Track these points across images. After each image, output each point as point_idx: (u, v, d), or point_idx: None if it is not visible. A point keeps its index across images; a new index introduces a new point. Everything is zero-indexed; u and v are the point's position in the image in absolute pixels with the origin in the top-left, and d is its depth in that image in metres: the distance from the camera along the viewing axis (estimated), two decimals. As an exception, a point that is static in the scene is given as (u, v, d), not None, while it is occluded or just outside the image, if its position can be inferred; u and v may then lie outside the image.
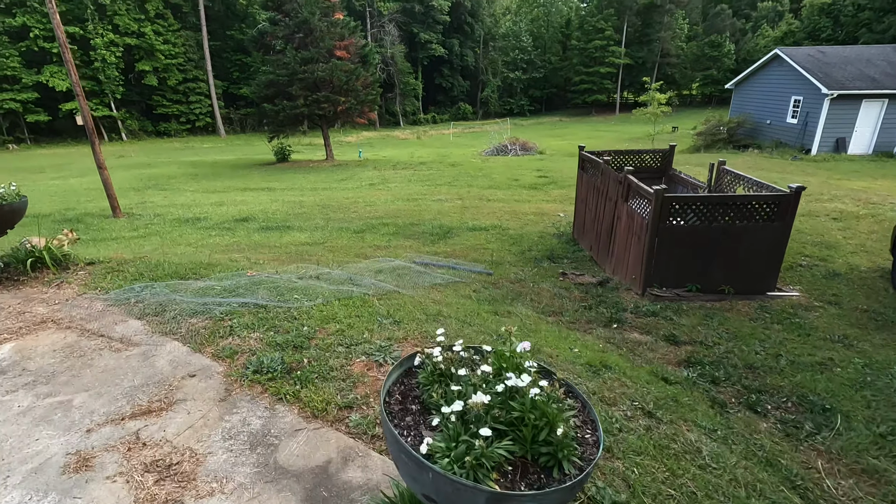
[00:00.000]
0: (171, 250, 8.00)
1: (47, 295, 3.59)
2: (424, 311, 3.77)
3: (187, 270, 4.34)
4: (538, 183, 16.66)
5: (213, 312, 3.21)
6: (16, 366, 2.61)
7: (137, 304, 3.37)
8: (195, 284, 3.83)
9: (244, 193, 16.29)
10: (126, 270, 4.12)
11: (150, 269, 4.25)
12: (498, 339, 3.36)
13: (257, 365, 2.58)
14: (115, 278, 3.94)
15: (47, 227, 10.38)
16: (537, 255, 7.89)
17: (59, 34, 10.39)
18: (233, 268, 4.71)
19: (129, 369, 2.57)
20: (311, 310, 3.42)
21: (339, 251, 7.87)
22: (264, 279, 4.08)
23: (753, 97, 24.21)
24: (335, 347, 2.85)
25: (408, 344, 2.97)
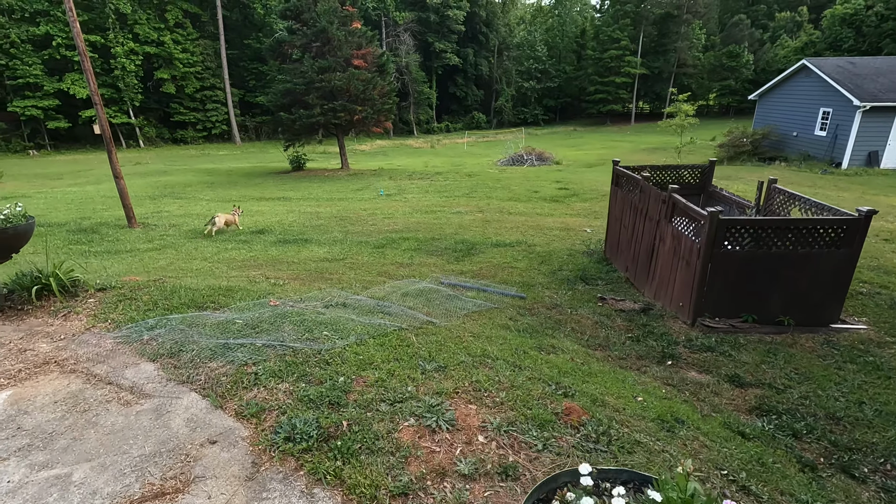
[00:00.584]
0: (186, 266, 7.70)
1: (52, 328, 3.25)
2: (468, 351, 3.37)
3: (205, 298, 3.98)
4: (559, 195, 16.23)
5: (234, 355, 2.83)
6: (11, 422, 2.26)
7: (151, 341, 3.01)
8: (214, 317, 3.46)
9: (260, 203, 16.07)
10: (139, 298, 3.78)
11: (165, 297, 3.90)
12: (556, 390, 2.94)
13: (289, 429, 2.19)
14: (126, 308, 3.59)
15: (62, 238, 10.18)
16: (569, 275, 7.44)
17: (80, 44, 10.26)
18: (253, 294, 4.35)
19: (140, 431, 2.20)
20: (344, 351, 3.03)
21: (360, 268, 7.50)
22: (289, 310, 3.71)
23: (779, 108, 23.58)
24: (377, 405, 2.46)
25: (460, 400, 2.56)
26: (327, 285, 6.10)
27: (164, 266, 7.72)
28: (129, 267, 7.75)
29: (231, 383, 2.60)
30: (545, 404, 2.61)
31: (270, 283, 5.63)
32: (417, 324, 4.03)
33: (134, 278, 4.54)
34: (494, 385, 2.79)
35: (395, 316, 4.24)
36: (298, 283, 6.08)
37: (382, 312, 4.27)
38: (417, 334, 3.61)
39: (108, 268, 7.73)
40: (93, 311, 3.52)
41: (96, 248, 9.38)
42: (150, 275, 6.96)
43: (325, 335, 3.25)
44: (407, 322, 3.98)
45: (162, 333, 3.09)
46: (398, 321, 3.97)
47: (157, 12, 45.49)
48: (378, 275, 7.11)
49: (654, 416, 2.97)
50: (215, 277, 6.42)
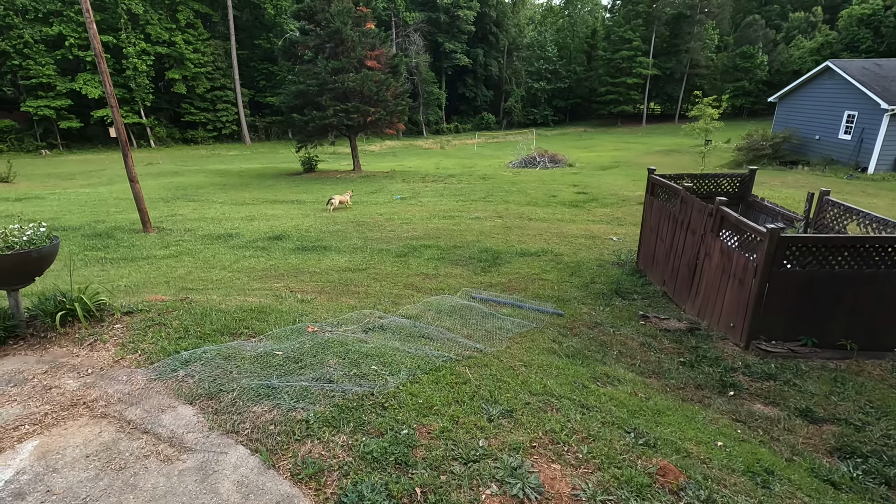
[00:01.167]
0: (206, 275, 7.47)
1: (79, 359, 3.00)
2: (528, 388, 3.08)
3: (237, 323, 3.71)
4: (578, 200, 15.89)
5: (280, 397, 2.56)
6: (39, 482, 1.99)
7: (187, 378, 2.75)
8: (251, 347, 3.19)
9: (274, 206, 15.86)
10: (168, 324, 3.52)
11: (196, 322, 3.64)
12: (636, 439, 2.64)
13: (355, 498, 1.90)
14: (156, 335, 3.33)
15: (77, 244, 10.00)
16: (603, 289, 7.13)
17: (96, 46, 10.08)
18: (286, 316, 4.08)
19: (187, 497, 1.92)
20: (398, 392, 2.75)
21: (385, 280, 7.23)
22: (329, 338, 3.43)
23: (800, 111, 23.07)
24: (449, 464, 2.17)
25: (540, 458, 2.28)
26: (356, 300, 5.84)
27: (184, 275, 7.50)
28: (148, 276, 7.53)
29: (281, 434, 2.32)
30: (634, 461, 2.32)
31: (298, 298, 5.37)
32: (464, 351, 3.75)
33: (160, 298, 4.29)
34: (571, 435, 2.50)
35: (437, 341, 3.96)
36: (326, 297, 5.82)
37: (424, 337, 3.99)
38: (469, 365, 3.32)
39: (126, 276, 7.52)
40: (120, 338, 3.26)
41: (112, 255, 9.18)
42: (170, 286, 6.74)
43: (374, 370, 2.97)
44: (453, 350, 3.70)
45: (198, 369, 2.82)
46: (444, 349, 3.69)
47: (169, 13, 45.58)
48: (405, 287, 6.84)
49: (742, 468, 2.67)
50: (239, 291, 6.18)
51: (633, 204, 14.96)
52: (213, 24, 50.21)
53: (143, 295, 6.07)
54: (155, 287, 6.73)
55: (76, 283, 6.20)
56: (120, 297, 5.44)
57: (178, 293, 6.15)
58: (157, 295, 4.43)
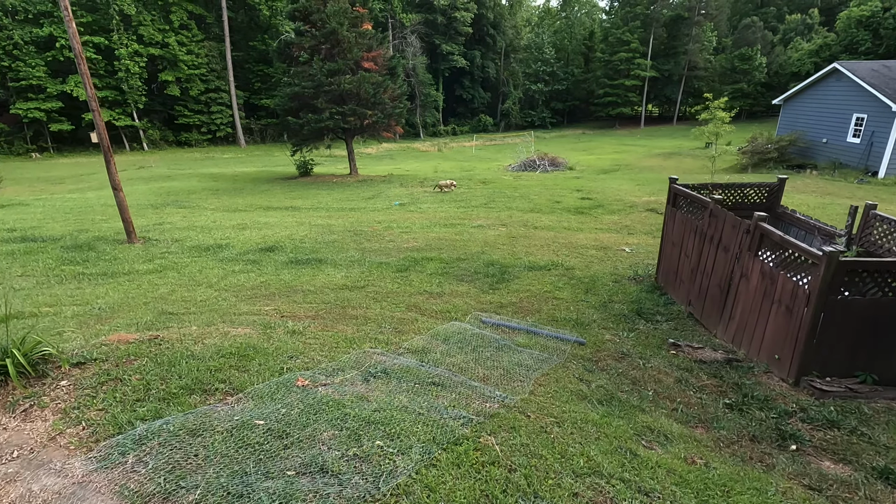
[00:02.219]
0: (189, 295, 6.84)
1: (5, 435, 2.39)
2: (569, 464, 2.49)
3: (212, 375, 3.08)
4: (583, 206, 15.32)
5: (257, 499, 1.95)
6: None
7: (138, 466, 2.13)
8: (225, 414, 2.57)
9: (267, 214, 15.23)
10: (127, 379, 2.89)
11: (162, 375, 3.01)
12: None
13: None
14: (110, 397, 2.71)
15: (55, 257, 9.35)
16: (623, 309, 6.55)
17: (76, 45, 9.44)
18: (272, 359, 3.47)
19: None
20: (411, 484, 2.15)
21: (385, 299, 6.62)
22: (322, 397, 2.82)
23: (806, 114, 22.62)
24: None
25: None
26: (354, 327, 5.23)
27: (165, 295, 6.87)
28: (126, 295, 6.90)
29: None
30: None
31: (288, 328, 4.76)
32: (484, 403, 3.15)
33: (124, 338, 3.67)
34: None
35: (451, 389, 3.36)
36: (320, 325, 5.21)
37: (435, 385, 3.39)
38: (494, 430, 2.73)
39: (102, 296, 6.89)
40: (64, 402, 2.65)
41: (91, 270, 8.53)
42: (149, 308, 6.11)
43: (377, 448, 2.37)
44: (472, 404, 3.11)
45: (154, 451, 2.20)
46: (461, 402, 3.10)
47: (162, 13, 44.89)
48: (407, 309, 6.23)
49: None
50: (224, 316, 5.56)
51: (640, 211, 14.42)
52: (208, 26, 49.54)
53: (116, 320, 5.45)
54: (132, 310, 6.10)
55: (39, 307, 5.53)
56: (84, 330, 4.81)
57: (155, 318, 5.53)
58: (122, 333, 3.81)
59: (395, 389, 3.15)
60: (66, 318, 5.79)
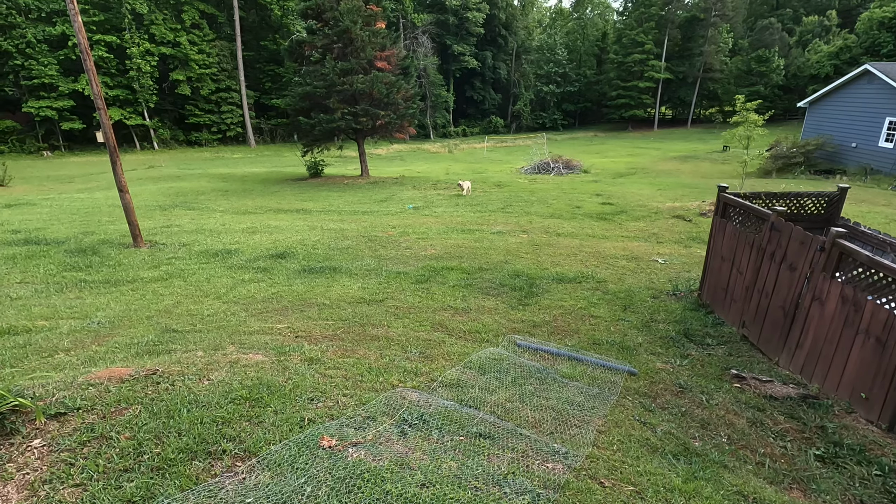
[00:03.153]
0: (195, 308, 6.35)
1: (-44, 520, 1.89)
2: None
3: (220, 430, 2.53)
4: (605, 212, 14.70)
5: None
6: None
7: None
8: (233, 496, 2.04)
9: (278, 217, 14.76)
10: (115, 440, 2.35)
11: (158, 430, 2.47)
12: None
13: None
14: (92, 466, 2.18)
15: (57, 262, 8.91)
16: (669, 330, 5.96)
17: (82, 40, 9.01)
18: (290, 404, 2.94)
19: None
20: None
21: (407, 316, 6.08)
22: (353, 465, 2.28)
23: (834, 117, 21.83)
24: None
25: None
26: (376, 351, 4.69)
27: (170, 308, 6.38)
28: (128, 307, 6.42)
29: None
30: None
31: (305, 355, 4.23)
32: (544, 464, 2.61)
33: (118, 373, 3.15)
34: None
35: (502, 443, 2.82)
36: (339, 348, 4.67)
37: (482, 436, 2.85)
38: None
39: (103, 308, 6.41)
40: (34, 471, 2.12)
41: (94, 277, 8.08)
42: (151, 323, 5.62)
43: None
44: (531, 466, 2.56)
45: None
46: (515, 461, 2.55)
47: (174, 13, 44.80)
48: (433, 328, 5.68)
49: None
50: (232, 335, 5.05)
51: (666, 217, 13.78)
52: (219, 25, 49.43)
53: (114, 337, 4.96)
54: (133, 325, 5.62)
55: (35, 321, 4.98)
56: (77, 352, 4.30)
57: (157, 337, 5.04)
58: (115, 368, 3.29)
59: (438, 447, 2.60)
60: (62, 333, 5.31)
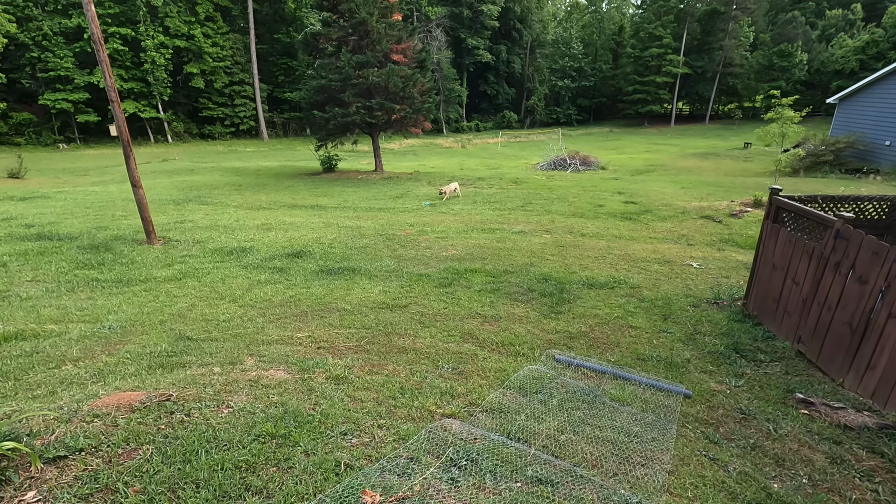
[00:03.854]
0: (210, 312, 6.03)
1: None
2: None
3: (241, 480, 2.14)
4: (629, 211, 14.19)
5: None
6: None
7: None
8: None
9: (292, 212, 14.47)
10: (122, 493, 2.00)
11: (173, 480, 2.11)
12: None
13: None
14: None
15: (70, 259, 8.68)
16: (717, 345, 5.52)
17: (94, 30, 8.72)
18: (320, 437, 2.58)
19: None
20: None
21: (433, 324, 5.71)
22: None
23: (866, 114, 20.97)
24: None
25: None
26: (406, 366, 4.33)
27: (184, 311, 6.07)
28: (141, 310, 6.12)
29: None
30: None
31: (329, 370, 3.88)
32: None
33: (126, 399, 2.82)
34: None
35: (563, 490, 2.43)
36: (365, 362, 4.32)
37: (540, 481, 2.47)
38: None
39: (114, 311, 6.12)
40: (27, 534, 1.81)
41: (106, 276, 7.82)
42: (164, 329, 5.31)
43: None
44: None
45: None
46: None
47: (188, 5, 44.68)
48: (462, 339, 5.30)
49: None
50: (250, 344, 4.71)
51: (693, 218, 13.25)
52: (233, 18, 49.24)
53: (126, 345, 4.65)
54: (145, 331, 5.31)
55: (44, 324, 4.65)
56: (86, 363, 3.98)
57: (171, 345, 4.72)
58: (125, 393, 2.96)
59: (496, 500, 2.23)
60: (71, 340, 5.02)
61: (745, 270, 8.56)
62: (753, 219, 12.40)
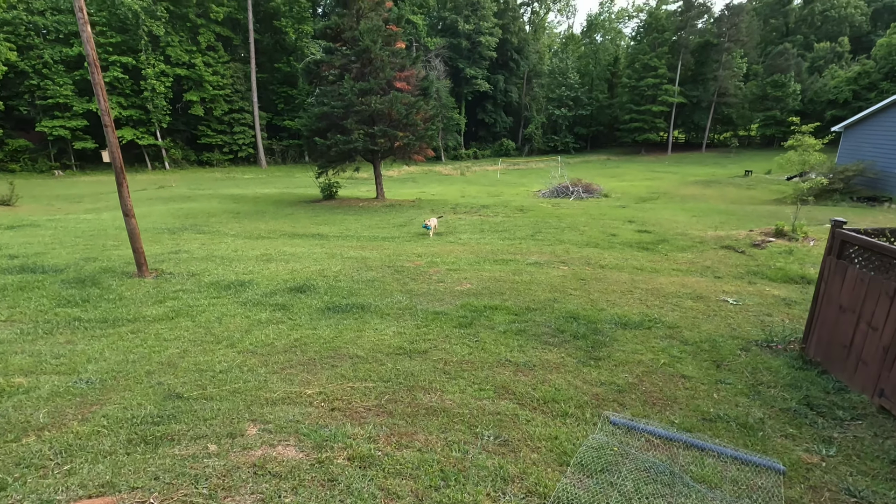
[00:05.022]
0: (205, 360, 5.31)
1: None
2: None
3: None
4: (645, 241, 13.63)
5: None
6: None
7: None
8: None
9: (293, 242, 13.82)
10: None
11: None
12: None
13: None
14: None
15: (52, 295, 7.95)
16: (787, 399, 4.83)
17: (90, 51, 8.23)
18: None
19: None
20: None
21: (460, 375, 5.01)
22: None
23: (873, 142, 20.81)
24: None
25: None
26: (441, 437, 3.60)
27: (174, 360, 5.34)
28: (126, 358, 5.39)
29: None
30: None
31: (350, 444, 3.16)
32: None
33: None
34: None
35: None
36: (392, 432, 3.59)
37: None
38: None
39: (95, 359, 5.38)
40: None
41: (90, 315, 7.08)
42: (149, 383, 4.57)
43: None
44: None
45: None
46: None
47: (190, 35, 45.07)
48: (497, 394, 4.60)
49: None
50: (250, 406, 3.99)
51: (713, 248, 12.69)
52: (234, 48, 49.75)
53: (105, 406, 3.92)
54: (128, 386, 4.58)
55: (11, 377, 3.88)
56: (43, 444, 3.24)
57: (157, 406, 3.99)
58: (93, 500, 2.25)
59: None
60: (41, 398, 4.27)
61: (786, 307, 7.94)
62: (778, 249, 11.85)
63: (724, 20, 57.82)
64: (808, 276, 9.75)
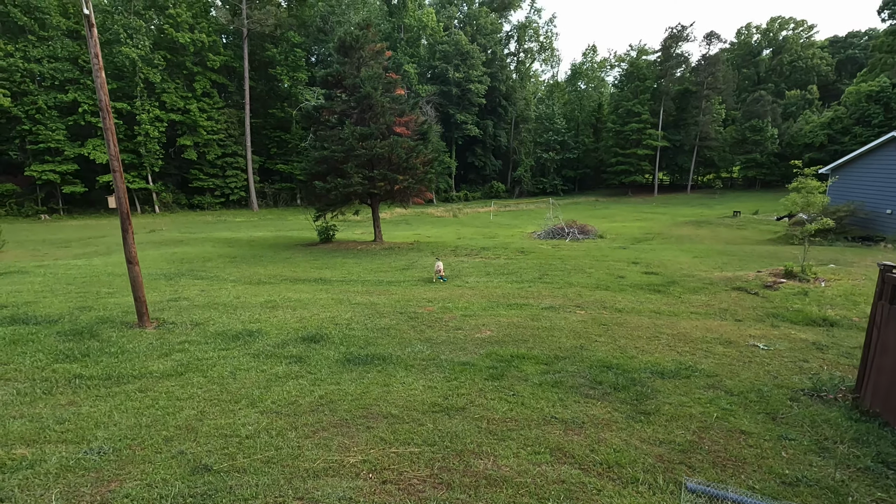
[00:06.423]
0: (227, 423, 4.85)
1: None
2: None
3: None
4: (654, 283, 13.51)
5: None
6: None
7: None
8: None
9: (296, 287, 13.42)
10: None
11: None
12: None
13: None
14: None
15: (47, 349, 7.41)
16: (859, 456, 4.53)
17: (103, 96, 8.09)
18: None
19: None
20: None
21: (508, 436, 4.63)
22: None
23: (862, 183, 21.45)
24: None
25: None
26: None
27: (193, 423, 4.88)
28: (137, 421, 4.91)
29: None
30: None
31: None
32: None
33: None
34: None
35: None
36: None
37: None
38: None
39: (103, 424, 4.90)
40: None
41: (91, 371, 6.56)
42: (170, 452, 4.11)
43: None
44: None
45: None
46: None
47: (186, 81, 45.80)
48: (553, 457, 4.23)
49: None
50: (291, 481, 3.56)
51: (724, 289, 12.60)
52: (229, 94, 50.59)
53: (124, 483, 3.45)
54: (148, 457, 4.10)
55: (12, 448, 3.33)
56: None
57: (186, 485, 3.53)
58: None
59: None
60: (49, 474, 3.79)
61: (819, 352, 7.74)
62: (791, 291, 11.78)
63: (701, 69, 60.82)
64: (830, 319, 9.63)
